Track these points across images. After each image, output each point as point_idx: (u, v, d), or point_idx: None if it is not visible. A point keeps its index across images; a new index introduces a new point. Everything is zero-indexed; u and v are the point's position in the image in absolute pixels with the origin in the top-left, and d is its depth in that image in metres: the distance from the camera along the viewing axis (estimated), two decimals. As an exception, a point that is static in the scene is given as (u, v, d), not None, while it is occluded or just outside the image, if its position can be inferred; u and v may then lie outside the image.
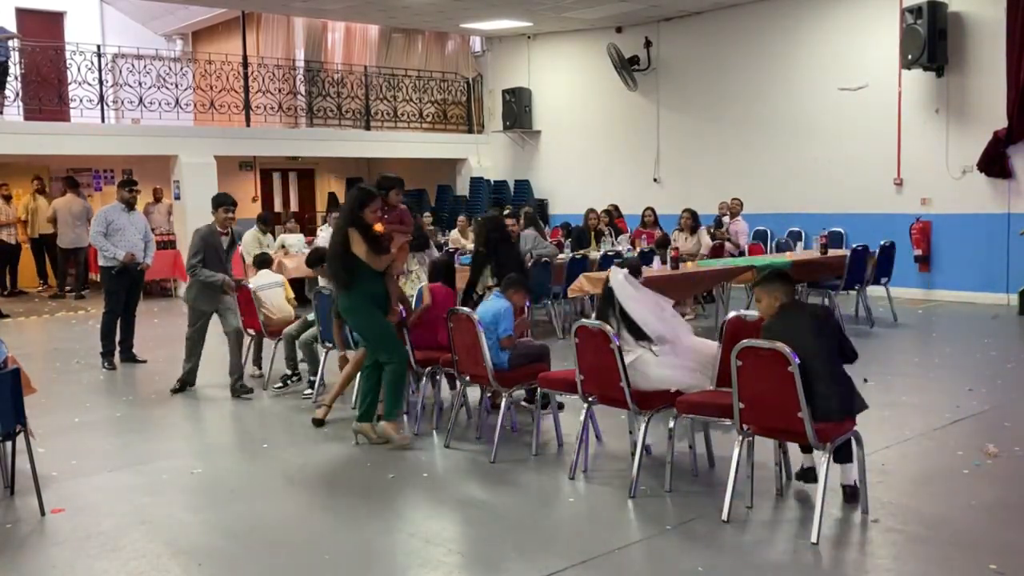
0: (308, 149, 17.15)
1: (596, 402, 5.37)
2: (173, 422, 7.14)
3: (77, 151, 14.56)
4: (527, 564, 4.21)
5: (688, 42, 15.26)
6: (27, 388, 5.22)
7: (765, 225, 14.18)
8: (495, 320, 5.86)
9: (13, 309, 13.37)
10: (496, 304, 5.98)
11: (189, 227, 14.52)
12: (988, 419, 6.50)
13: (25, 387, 5.12)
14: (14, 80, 13.82)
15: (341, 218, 6.09)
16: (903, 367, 8.61)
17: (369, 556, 4.39)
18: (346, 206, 6.19)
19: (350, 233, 5.89)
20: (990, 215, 11.91)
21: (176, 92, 15.11)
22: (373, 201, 5.99)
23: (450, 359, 6.21)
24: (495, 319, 5.86)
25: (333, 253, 6.03)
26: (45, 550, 4.58)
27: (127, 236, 8.97)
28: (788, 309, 4.63)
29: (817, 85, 13.60)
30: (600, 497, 5.00)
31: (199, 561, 4.34)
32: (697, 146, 15.23)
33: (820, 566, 4.16)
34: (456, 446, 6.11)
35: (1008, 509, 4.80)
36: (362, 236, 5.87)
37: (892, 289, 11.16)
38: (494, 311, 5.91)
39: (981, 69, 11.89)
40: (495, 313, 5.89)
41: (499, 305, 5.96)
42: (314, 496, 5.29)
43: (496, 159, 18.36)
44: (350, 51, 18.47)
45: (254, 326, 8.18)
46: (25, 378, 5.16)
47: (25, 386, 5.13)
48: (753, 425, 4.59)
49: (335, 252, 6.00)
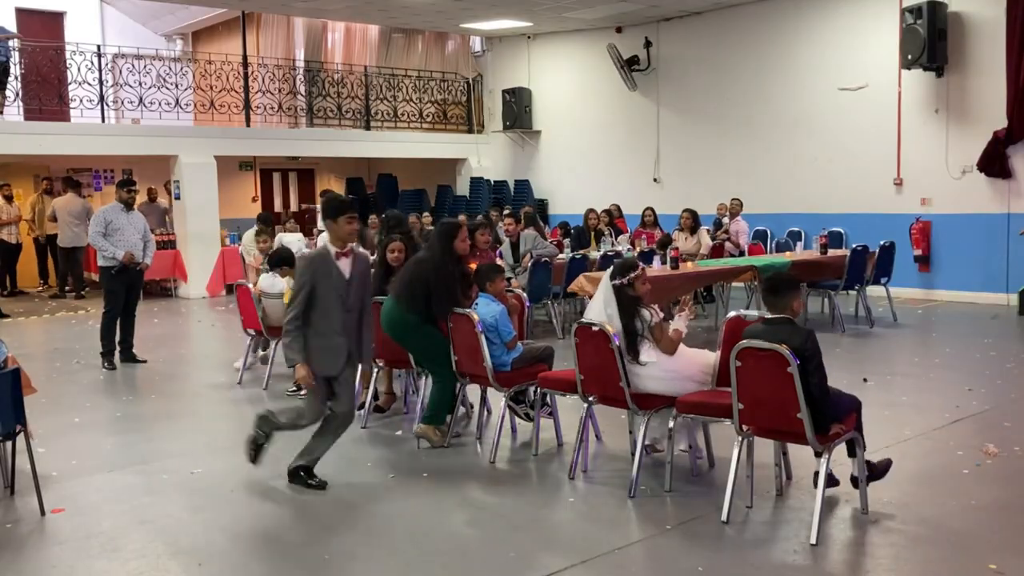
0: (308, 149, 17.15)
1: (596, 402, 5.37)
2: (173, 422, 7.14)
3: (77, 151, 14.56)
4: (527, 564, 4.21)
5: (688, 42, 15.26)
6: (27, 388, 5.22)
7: (765, 225, 14.18)
8: (495, 325, 5.85)
9: (13, 309, 13.37)
10: (491, 308, 5.92)
11: (189, 227, 14.62)
12: (988, 419, 6.50)
13: (25, 387, 5.12)
14: (14, 80, 13.82)
15: (435, 248, 6.03)
16: (903, 367, 8.61)
17: (369, 556, 4.39)
18: (438, 237, 6.10)
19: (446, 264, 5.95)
20: (990, 215, 11.92)
21: (176, 92, 15.11)
22: (460, 231, 6.06)
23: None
24: (494, 324, 5.85)
25: (433, 279, 5.94)
26: (45, 550, 4.58)
27: (126, 236, 8.97)
28: (773, 322, 4.59)
29: (817, 85, 13.61)
30: (600, 497, 5.00)
31: (199, 561, 4.34)
32: (697, 146, 15.23)
33: (820, 566, 4.16)
34: (456, 446, 6.11)
35: (1008, 509, 4.80)
36: (453, 270, 5.96)
37: (892, 289, 11.16)
38: (491, 316, 5.87)
39: (981, 69, 11.89)
40: (493, 317, 5.86)
41: (494, 309, 5.91)
42: (314, 496, 5.28)
43: (496, 159, 18.36)
44: (350, 51, 18.47)
45: (254, 326, 8.17)
46: (25, 378, 5.16)
47: (25, 386, 5.13)
48: (752, 426, 4.59)
49: (438, 279, 5.92)
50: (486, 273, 6.09)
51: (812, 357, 4.36)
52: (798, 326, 4.57)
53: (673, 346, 5.18)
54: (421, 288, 5.96)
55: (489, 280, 6.03)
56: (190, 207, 14.63)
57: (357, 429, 6.61)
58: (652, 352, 5.12)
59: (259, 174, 19.22)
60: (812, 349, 4.38)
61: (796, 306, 4.65)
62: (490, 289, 6.00)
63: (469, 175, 18.11)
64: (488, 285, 6.01)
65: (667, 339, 5.17)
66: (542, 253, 10.55)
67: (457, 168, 18.36)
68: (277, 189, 19.86)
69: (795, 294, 4.65)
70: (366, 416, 6.74)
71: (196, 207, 14.69)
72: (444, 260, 5.98)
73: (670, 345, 5.17)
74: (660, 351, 5.14)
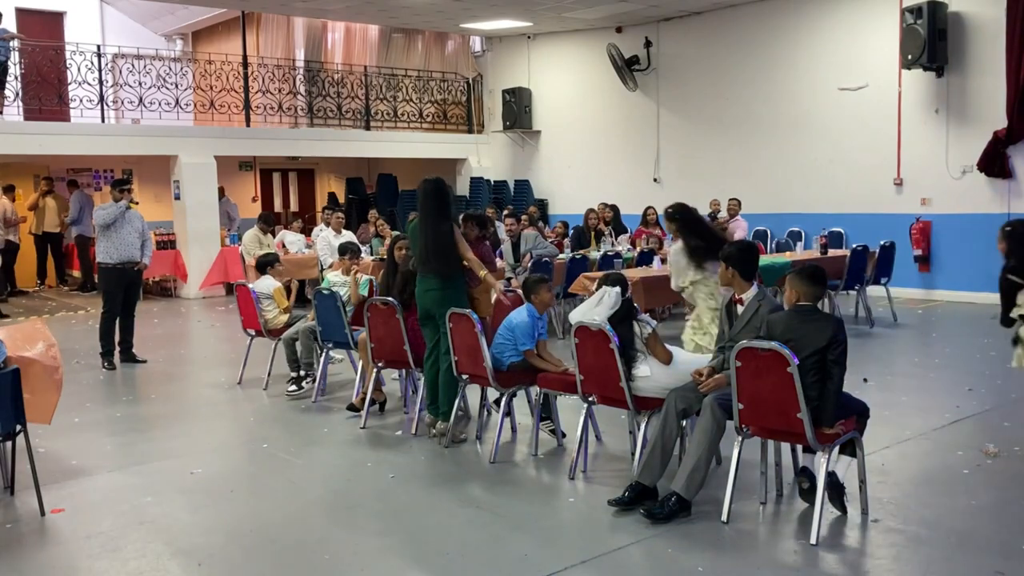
0: (308, 149, 17.15)
1: (596, 402, 5.37)
2: (172, 422, 7.13)
3: (77, 151, 14.57)
4: (527, 564, 4.21)
5: (688, 42, 15.26)
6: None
7: (765, 225, 14.18)
8: (509, 328, 5.84)
9: (13, 309, 13.37)
10: (521, 314, 5.88)
11: (189, 227, 14.62)
12: (988, 419, 6.50)
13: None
14: (14, 80, 13.81)
15: (438, 213, 6.01)
16: (903, 367, 8.61)
17: (369, 556, 4.39)
18: (439, 203, 6.05)
19: (456, 230, 5.99)
20: (990, 215, 11.90)
21: (176, 92, 15.10)
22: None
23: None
24: (509, 328, 5.84)
25: (442, 244, 5.95)
26: (45, 550, 4.58)
27: (124, 235, 8.97)
28: (802, 310, 4.61)
29: (817, 85, 13.60)
30: (600, 497, 5.00)
31: (199, 561, 4.34)
32: (697, 146, 15.23)
33: (820, 566, 4.16)
34: (456, 446, 6.11)
35: (1008, 509, 4.80)
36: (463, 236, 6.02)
37: (892, 289, 11.16)
38: (517, 323, 5.83)
39: (981, 69, 11.89)
40: (520, 322, 5.82)
41: (524, 316, 5.86)
42: (314, 496, 5.29)
43: (496, 159, 18.36)
44: (350, 51, 18.47)
45: (254, 326, 8.17)
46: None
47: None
48: (753, 425, 4.59)
49: (446, 243, 5.94)
50: (532, 286, 6.03)
51: (841, 344, 4.40)
52: (827, 314, 4.61)
53: (667, 355, 5.18)
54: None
55: (534, 292, 5.96)
56: (190, 207, 14.63)
57: (357, 429, 6.62)
58: (644, 366, 5.11)
59: (259, 174, 19.22)
60: (844, 338, 4.43)
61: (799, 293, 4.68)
62: (534, 300, 5.93)
63: (469, 175, 18.10)
64: (533, 296, 5.95)
65: (661, 349, 5.17)
66: (542, 253, 10.55)
67: (457, 168, 18.36)
68: (277, 189, 19.87)
69: (807, 284, 4.67)
70: (366, 416, 6.73)
71: (196, 207, 14.68)
72: (439, 223, 5.98)
73: (664, 354, 5.17)
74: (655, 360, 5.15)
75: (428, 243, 6.00)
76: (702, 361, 5.20)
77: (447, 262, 5.99)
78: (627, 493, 4.80)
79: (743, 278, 4.99)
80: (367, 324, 6.71)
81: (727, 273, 5.03)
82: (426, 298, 6.09)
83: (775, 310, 4.81)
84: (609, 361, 5.07)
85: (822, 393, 4.38)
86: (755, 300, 4.91)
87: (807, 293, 4.61)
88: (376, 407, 6.97)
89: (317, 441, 6.43)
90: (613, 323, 5.10)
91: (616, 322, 5.12)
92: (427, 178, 6.17)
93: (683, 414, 4.90)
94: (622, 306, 5.20)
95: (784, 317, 4.60)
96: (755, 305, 4.88)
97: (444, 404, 6.12)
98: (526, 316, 5.87)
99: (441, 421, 6.12)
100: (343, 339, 7.29)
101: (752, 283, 5.01)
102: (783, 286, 4.99)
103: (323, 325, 7.42)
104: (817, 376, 4.38)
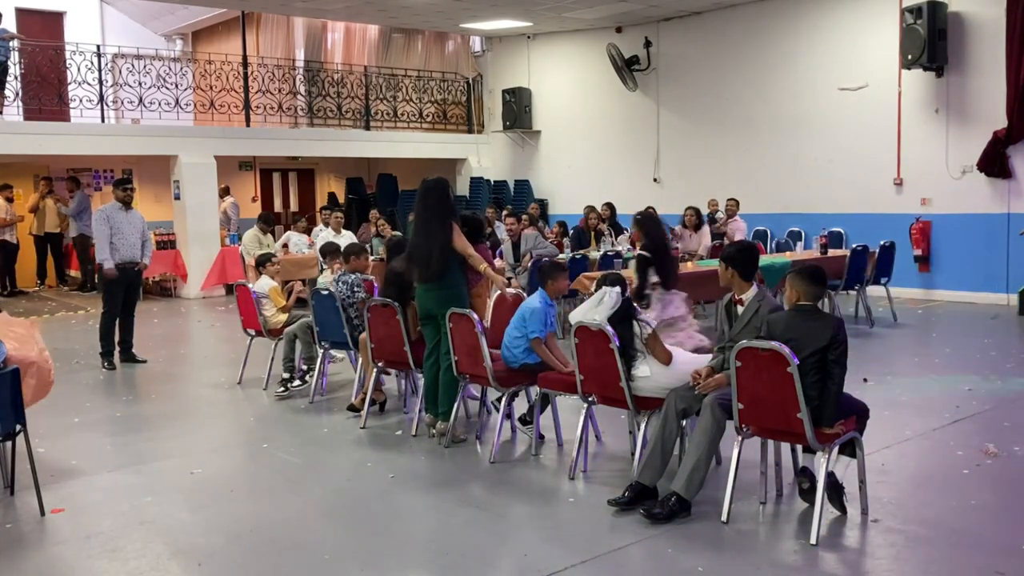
0: (308, 149, 17.15)
1: (596, 402, 5.37)
2: (173, 422, 7.13)
3: (77, 151, 14.57)
4: (527, 564, 4.21)
5: (688, 42, 15.26)
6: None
7: (765, 225, 14.18)
8: (522, 317, 5.81)
9: (13, 309, 13.36)
10: (534, 301, 5.88)
11: (189, 226, 14.62)
12: (988, 419, 6.50)
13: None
14: (14, 80, 13.81)
15: (437, 212, 5.99)
16: (903, 367, 8.61)
17: (369, 556, 4.39)
18: (439, 203, 6.04)
19: (454, 227, 5.96)
20: (990, 215, 11.91)
21: (176, 92, 15.10)
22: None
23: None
24: (523, 317, 5.81)
25: (437, 244, 5.91)
26: (45, 550, 4.58)
27: (124, 235, 8.97)
28: (803, 310, 4.61)
29: (817, 85, 13.60)
30: (600, 497, 5.00)
31: (199, 561, 4.34)
32: (697, 146, 15.23)
33: (820, 566, 4.16)
34: (456, 446, 6.11)
35: (1008, 509, 4.80)
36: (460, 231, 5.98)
37: (892, 289, 11.16)
38: (530, 309, 5.82)
39: (981, 69, 11.89)
40: (532, 309, 5.81)
41: (533, 303, 5.86)
42: (314, 496, 5.29)
43: (496, 159, 18.36)
44: (350, 51, 18.47)
45: (254, 326, 8.18)
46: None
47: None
48: (753, 425, 4.59)
49: (442, 243, 5.91)
50: (548, 271, 6.04)
51: (841, 344, 4.40)
52: (827, 314, 4.61)
53: (667, 355, 5.18)
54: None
55: (550, 278, 5.97)
56: (190, 207, 14.63)
57: (357, 429, 6.62)
58: (644, 366, 5.11)
59: (259, 174, 19.22)
60: (844, 338, 4.42)
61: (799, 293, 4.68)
62: (549, 288, 5.94)
63: (469, 175, 18.11)
64: (549, 282, 5.95)
65: (661, 349, 5.17)
66: (542, 253, 10.55)
67: (457, 168, 18.36)
68: (277, 189, 19.87)
69: (807, 284, 4.66)
70: (366, 416, 6.73)
71: (196, 207, 14.68)
72: (436, 223, 5.96)
73: (664, 354, 5.17)
74: (655, 360, 5.15)
75: (427, 242, 5.99)
76: (702, 361, 5.20)
77: (444, 261, 5.97)
78: (627, 493, 4.80)
79: (743, 278, 4.99)
80: (367, 324, 6.71)
81: (727, 273, 5.03)
82: (426, 298, 6.09)
83: (775, 310, 4.81)
84: (609, 361, 5.07)
85: (822, 393, 4.38)
86: (755, 300, 4.91)
87: (807, 293, 4.61)
88: (376, 407, 6.98)
89: (317, 441, 6.43)
90: (613, 323, 5.11)
91: (616, 322, 5.12)
92: (427, 178, 6.17)
93: (683, 414, 4.90)
94: (622, 306, 5.20)
95: (784, 317, 4.61)
96: (755, 305, 4.88)
97: (444, 404, 6.12)
98: (539, 303, 5.86)
99: (441, 421, 6.12)
100: (341, 339, 7.29)
101: (752, 283, 5.01)
102: (783, 287, 4.99)
103: (320, 325, 7.42)
104: (817, 376, 4.38)
